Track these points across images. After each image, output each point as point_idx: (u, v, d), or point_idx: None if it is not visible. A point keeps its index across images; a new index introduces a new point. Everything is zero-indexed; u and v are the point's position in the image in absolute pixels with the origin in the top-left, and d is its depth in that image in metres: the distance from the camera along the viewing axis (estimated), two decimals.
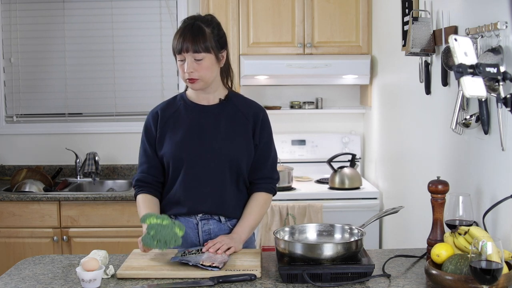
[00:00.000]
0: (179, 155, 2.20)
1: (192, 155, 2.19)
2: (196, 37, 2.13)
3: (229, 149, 2.19)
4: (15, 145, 4.17)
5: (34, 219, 3.54)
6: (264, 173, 2.26)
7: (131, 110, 4.11)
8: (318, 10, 3.76)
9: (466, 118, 2.09)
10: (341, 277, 1.78)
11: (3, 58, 4.14)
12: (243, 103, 2.29)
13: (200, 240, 2.23)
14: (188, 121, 2.23)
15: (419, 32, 2.51)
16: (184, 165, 2.19)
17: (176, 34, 2.17)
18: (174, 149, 2.20)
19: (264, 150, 2.26)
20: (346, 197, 3.60)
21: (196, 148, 2.19)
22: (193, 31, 2.14)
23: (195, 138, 2.20)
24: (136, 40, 4.12)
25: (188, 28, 2.15)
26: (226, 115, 2.24)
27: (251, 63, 3.74)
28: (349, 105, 4.20)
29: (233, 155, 2.19)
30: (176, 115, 2.26)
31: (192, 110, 2.26)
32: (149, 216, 1.97)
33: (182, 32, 2.15)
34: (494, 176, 1.96)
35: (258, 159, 2.25)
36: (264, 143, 2.26)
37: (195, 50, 2.12)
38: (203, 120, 2.23)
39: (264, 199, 2.26)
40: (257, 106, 2.31)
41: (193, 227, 2.23)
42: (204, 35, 2.14)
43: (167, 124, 2.24)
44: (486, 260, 1.49)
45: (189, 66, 2.14)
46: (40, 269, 1.97)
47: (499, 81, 1.69)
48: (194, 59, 2.13)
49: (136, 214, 3.15)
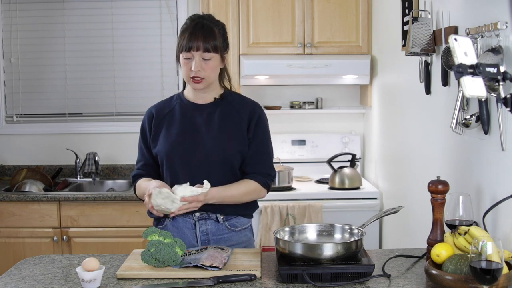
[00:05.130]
0: (173, 154, 2.21)
1: (185, 154, 2.20)
2: (208, 37, 2.14)
3: (221, 147, 2.19)
4: (15, 145, 4.17)
5: (34, 219, 3.54)
6: (260, 168, 2.25)
7: (131, 110, 4.11)
8: (318, 10, 3.76)
9: (466, 118, 2.09)
10: (341, 277, 1.78)
11: (3, 58, 4.14)
12: (238, 101, 2.29)
13: (198, 240, 2.24)
14: (182, 119, 2.25)
15: (419, 32, 2.51)
16: (177, 164, 2.20)
17: (185, 32, 2.16)
18: (168, 148, 2.21)
19: (259, 146, 2.25)
20: (346, 197, 3.60)
21: (189, 147, 2.20)
22: (204, 30, 2.15)
23: (188, 137, 2.21)
24: (136, 40, 4.12)
25: (199, 26, 2.16)
26: (219, 113, 2.24)
27: (251, 63, 3.74)
28: (349, 105, 4.20)
29: (225, 153, 2.19)
30: (171, 114, 2.27)
31: (187, 109, 2.27)
32: (152, 232, 1.97)
33: (193, 30, 2.15)
34: (494, 176, 1.96)
35: (254, 154, 2.24)
36: (260, 139, 2.25)
37: (206, 49, 2.14)
38: (197, 119, 2.24)
39: (254, 187, 2.22)
40: (253, 104, 2.31)
41: (191, 227, 2.24)
42: (215, 35, 2.17)
43: (162, 123, 2.26)
44: (486, 260, 1.49)
45: (197, 65, 2.14)
46: (40, 269, 1.97)
47: (499, 81, 1.69)
48: (202, 58, 2.14)
49: (136, 214, 3.15)
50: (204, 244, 2.23)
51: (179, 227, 2.24)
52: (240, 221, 2.28)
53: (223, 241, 2.23)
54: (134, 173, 2.32)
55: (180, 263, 1.92)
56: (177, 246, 1.94)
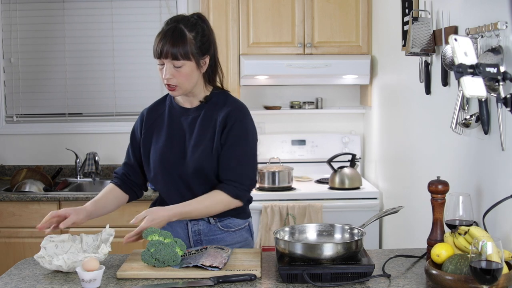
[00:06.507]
0: (159, 163, 2.19)
1: (170, 166, 2.17)
2: (176, 43, 2.03)
3: (194, 156, 2.14)
4: (15, 145, 4.17)
5: (34, 219, 3.53)
6: (230, 176, 2.12)
7: (131, 110, 4.11)
8: (318, 10, 3.76)
9: (466, 118, 2.09)
10: (341, 277, 1.78)
11: (3, 58, 4.14)
12: (221, 104, 2.18)
13: (190, 240, 2.23)
14: (169, 125, 2.21)
15: (419, 32, 2.51)
16: (163, 172, 2.19)
17: (157, 37, 2.07)
18: (155, 157, 2.19)
19: (229, 151, 2.12)
20: (346, 197, 3.60)
21: (172, 156, 2.17)
22: (173, 36, 2.04)
23: (173, 145, 2.18)
24: (136, 40, 4.12)
25: (169, 32, 2.05)
26: (201, 119, 2.17)
27: (251, 63, 3.74)
28: (349, 105, 4.20)
29: (196, 163, 2.13)
30: (161, 119, 2.23)
31: (175, 113, 2.22)
32: (152, 232, 1.97)
33: (163, 35, 2.05)
34: (494, 176, 1.96)
35: (224, 161, 2.12)
36: (230, 144, 2.12)
37: (174, 56, 2.03)
38: (183, 124, 2.19)
39: (221, 199, 2.10)
40: (234, 106, 2.17)
41: (184, 227, 2.24)
42: (185, 41, 2.04)
43: (152, 127, 2.23)
44: (486, 260, 1.49)
45: (167, 72, 2.05)
46: (40, 269, 1.97)
47: (499, 81, 1.69)
48: (173, 65, 2.05)
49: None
50: (196, 245, 2.23)
51: (173, 225, 2.22)
52: (234, 222, 2.24)
53: (216, 242, 2.22)
54: (115, 171, 2.33)
55: (180, 263, 1.92)
56: (177, 246, 1.94)
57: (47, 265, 1.91)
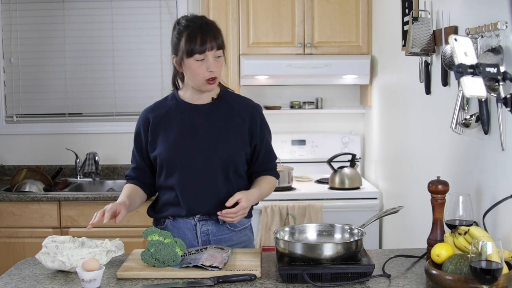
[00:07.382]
0: (173, 157, 2.18)
1: (186, 157, 2.17)
2: (216, 33, 2.11)
3: (223, 150, 2.17)
4: (15, 145, 4.17)
5: (34, 219, 3.54)
6: (271, 166, 2.31)
7: (131, 110, 4.10)
8: (318, 10, 3.76)
9: (466, 118, 2.09)
10: (341, 277, 1.78)
11: (3, 58, 4.14)
12: (237, 102, 2.26)
13: (199, 241, 2.23)
14: (180, 121, 2.20)
15: (419, 32, 2.51)
16: (178, 167, 2.18)
17: (192, 34, 2.07)
18: (168, 151, 2.18)
19: (267, 146, 2.29)
20: (346, 197, 3.60)
21: (189, 149, 2.17)
22: (211, 29, 2.10)
23: (188, 139, 2.18)
24: (136, 40, 4.12)
25: (205, 26, 2.10)
26: (219, 114, 2.21)
27: (251, 63, 3.74)
28: (349, 105, 4.20)
29: (227, 156, 2.17)
30: (168, 115, 2.22)
31: (184, 109, 2.22)
32: (152, 232, 1.97)
33: (202, 31, 2.07)
34: (494, 176, 1.96)
35: (264, 156, 2.27)
36: (266, 140, 2.28)
37: (218, 46, 2.10)
38: (196, 120, 2.20)
39: (274, 181, 2.32)
40: (252, 105, 2.29)
41: (191, 228, 2.23)
42: (220, 31, 2.14)
43: (159, 127, 2.22)
44: (486, 260, 1.49)
45: (212, 64, 2.09)
46: (40, 269, 1.97)
47: (499, 81, 1.69)
48: (214, 57, 2.10)
49: (136, 214, 3.15)
50: (205, 245, 2.23)
51: (180, 227, 2.23)
52: (240, 221, 2.26)
53: (224, 241, 2.23)
54: (127, 173, 2.33)
55: (180, 263, 1.92)
56: (177, 246, 1.94)
57: (49, 263, 1.90)
